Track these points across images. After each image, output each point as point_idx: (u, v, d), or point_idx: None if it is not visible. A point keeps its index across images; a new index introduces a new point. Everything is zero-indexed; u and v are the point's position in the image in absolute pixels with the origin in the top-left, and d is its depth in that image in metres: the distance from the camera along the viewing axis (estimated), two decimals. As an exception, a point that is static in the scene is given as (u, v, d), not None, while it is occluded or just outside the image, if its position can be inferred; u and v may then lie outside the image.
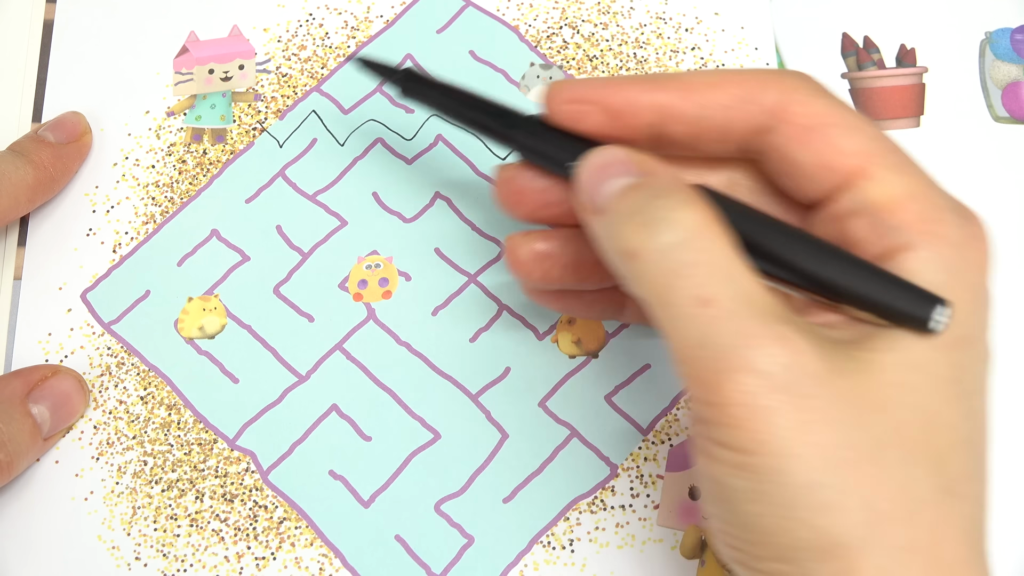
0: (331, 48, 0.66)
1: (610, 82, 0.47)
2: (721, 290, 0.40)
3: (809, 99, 0.45)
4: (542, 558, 0.56)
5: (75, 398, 0.60)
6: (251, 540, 0.57)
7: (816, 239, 0.44)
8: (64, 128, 0.64)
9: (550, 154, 0.48)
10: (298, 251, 0.62)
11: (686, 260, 0.41)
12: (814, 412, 0.39)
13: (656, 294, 0.42)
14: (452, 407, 0.59)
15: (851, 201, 0.43)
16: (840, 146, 0.44)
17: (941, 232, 0.42)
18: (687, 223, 0.41)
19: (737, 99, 0.46)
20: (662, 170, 0.45)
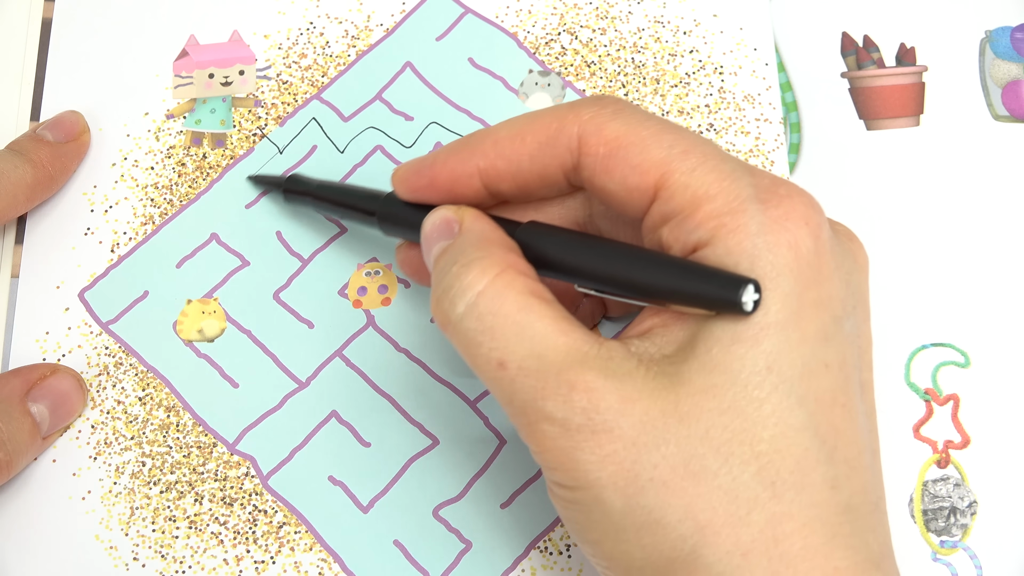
0: (331, 57, 0.66)
1: (437, 157, 0.51)
2: (512, 351, 0.43)
3: (604, 125, 0.46)
4: (539, 563, 0.57)
5: (74, 397, 0.60)
6: (250, 544, 0.58)
7: (622, 247, 0.45)
8: (62, 127, 0.64)
9: (408, 224, 0.53)
10: (298, 257, 0.62)
11: (477, 328, 0.44)
12: (615, 442, 0.41)
13: (466, 359, 0.45)
14: (450, 413, 0.59)
15: (658, 212, 0.45)
16: (636, 165, 0.45)
17: (735, 223, 0.42)
18: (475, 289, 0.44)
19: (539, 146, 0.48)
20: (470, 223, 0.48)
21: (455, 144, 0.50)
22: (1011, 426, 0.60)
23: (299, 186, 0.61)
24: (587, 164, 0.46)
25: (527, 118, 0.49)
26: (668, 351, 0.43)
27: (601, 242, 0.46)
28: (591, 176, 0.46)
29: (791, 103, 0.66)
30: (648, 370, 0.42)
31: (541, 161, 0.48)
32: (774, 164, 0.63)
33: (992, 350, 0.61)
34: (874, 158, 0.64)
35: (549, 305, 0.44)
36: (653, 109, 0.64)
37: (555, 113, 0.47)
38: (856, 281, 0.45)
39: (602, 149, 0.46)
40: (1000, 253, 0.62)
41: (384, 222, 0.54)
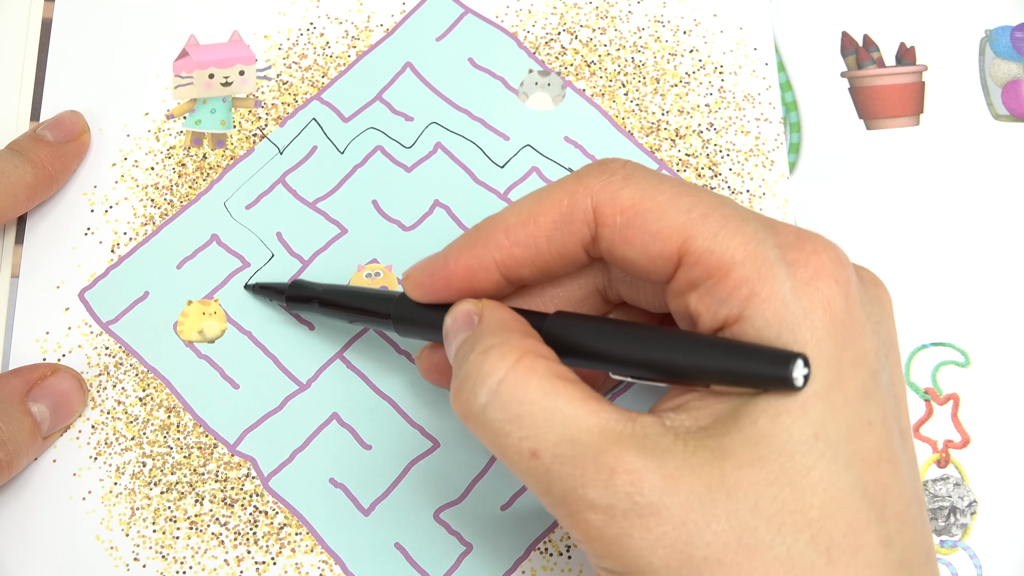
0: (332, 57, 0.66)
1: (449, 257, 0.49)
2: (543, 439, 0.42)
3: (617, 193, 0.45)
4: (540, 564, 0.57)
5: (74, 397, 0.60)
6: (251, 545, 0.58)
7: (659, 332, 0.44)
8: (62, 127, 0.64)
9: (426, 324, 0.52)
10: (298, 258, 0.63)
11: (503, 417, 0.43)
12: (664, 524, 0.40)
13: (494, 451, 0.44)
14: (451, 416, 0.59)
15: (684, 278, 0.44)
16: (656, 232, 0.44)
17: (768, 292, 0.41)
18: (496, 376, 0.43)
19: (553, 226, 0.47)
20: (490, 316, 0.47)
21: (464, 239, 0.49)
22: (1011, 426, 0.60)
23: (303, 292, 0.59)
24: (605, 235, 0.45)
25: (534, 198, 0.47)
26: (705, 423, 0.42)
27: (636, 328, 0.45)
28: (610, 247, 0.45)
29: (791, 103, 0.66)
30: (687, 444, 0.41)
31: (559, 240, 0.47)
32: (774, 164, 0.63)
33: (992, 350, 0.61)
34: (874, 158, 0.64)
35: (575, 385, 0.43)
36: (653, 109, 0.64)
37: (564, 188, 0.46)
38: (885, 328, 0.45)
39: (619, 219, 0.45)
40: (1000, 253, 0.62)
41: (400, 325, 0.53)
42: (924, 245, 0.63)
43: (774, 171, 0.63)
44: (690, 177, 0.63)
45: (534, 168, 0.63)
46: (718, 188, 0.63)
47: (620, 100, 0.65)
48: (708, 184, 0.63)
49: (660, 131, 0.64)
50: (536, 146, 0.64)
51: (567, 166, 0.63)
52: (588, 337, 0.45)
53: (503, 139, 0.64)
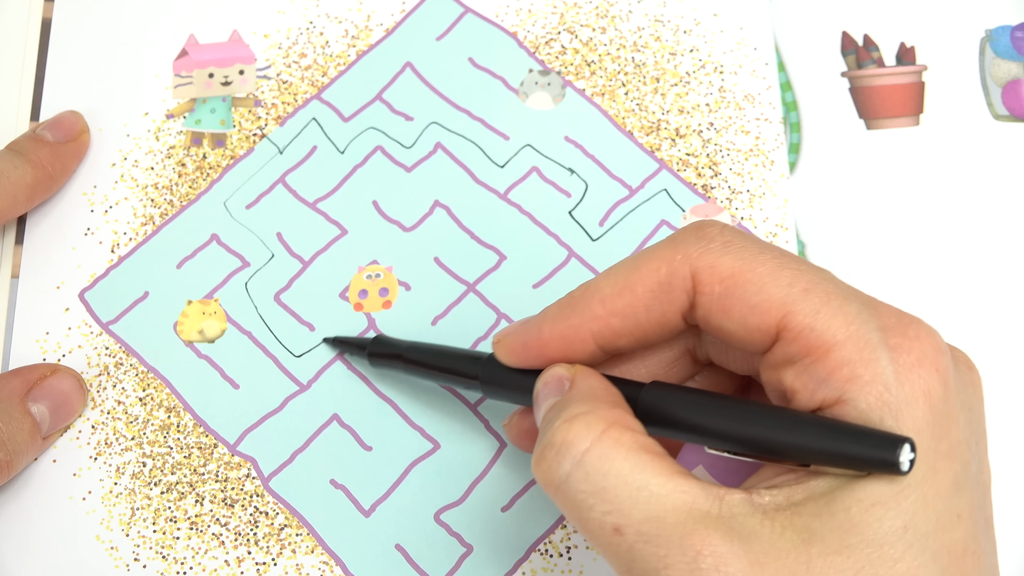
0: (331, 56, 0.66)
1: (544, 327, 0.48)
2: (627, 515, 0.41)
3: (716, 261, 0.44)
4: (540, 566, 0.57)
5: (74, 397, 0.60)
6: (252, 545, 0.58)
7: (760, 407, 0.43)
8: (62, 127, 0.64)
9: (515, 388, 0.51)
10: (299, 259, 0.63)
11: (586, 490, 0.42)
12: None
13: (575, 523, 0.43)
14: (451, 417, 0.59)
15: (781, 353, 0.43)
16: (755, 305, 0.43)
17: (869, 376, 0.41)
18: (581, 446, 0.42)
19: (652, 295, 0.46)
20: (581, 383, 0.46)
21: (559, 308, 0.48)
22: (1011, 426, 0.60)
23: (385, 348, 0.59)
24: (702, 303, 0.44)
25: (630, 266, 0.46)
26: (797, 499, 0.41)
27: (736, 403, 0.44)
28: (707, 315, 0.44)
29: (791, 103, 0.66)
30: (774, 525, 0.40)
31: (658, 310, 0.46)
32: (774, 163, 0.63)
33: (992, 350, 0.61)
34: (874, 157, 0.64)
35: (662, 460, 0.42)
36: (653, 108, 0.64)
37: (661, 255, 0.45)
38: (977, 416, 0.44)
39: (717, 288, 0.44)
40: (1000, 253, 0.62)
41: (489, 387, 0.52)
42: (924, 245, 0.63)
43: (774, 171, 0.63)
44: (690, 177, 0.63)
45: (534, 168, 0.63)
46: (718, 188, 0.63)
47: (620, 100, 0.65)
48: (708, 184, 0.63)
49: (660, 131, 0.64)
50: (536, 146, 0.64)
51: (567, 166, 0.63)
52: (687, 410, 0.44)
53: (503, 139, 0.64)
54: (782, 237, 0.62)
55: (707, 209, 0.62)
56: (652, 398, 0.45)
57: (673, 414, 0.44)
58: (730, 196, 0.62)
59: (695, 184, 0.63)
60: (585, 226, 0.62)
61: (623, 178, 0.63)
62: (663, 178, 0.63)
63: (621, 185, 0.63)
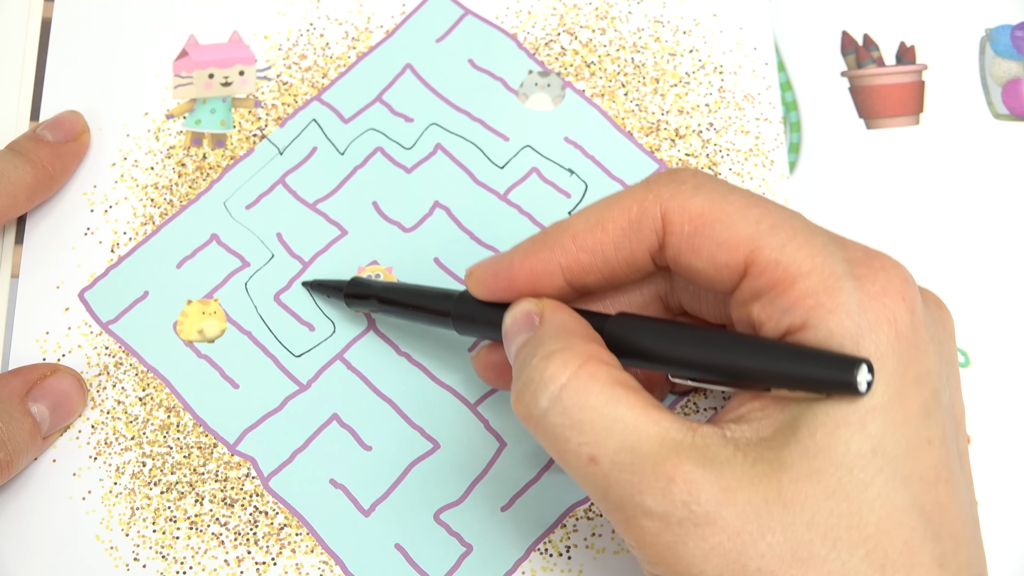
0: (332, 58, 0.67)
1: (515, 258, 0.50)
2: (603, 445, 0.42)
3: (686, 201, 0.45)
4: (540, 565, 0.57)
5: (74, 397, 0.60)
6: (251, 545, 0.58)
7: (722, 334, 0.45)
8: (62, 127, 0.64)
9: (485, 322, 0.52)
10: (299, 259, 0.63)
11: (564, 423, 0.43)
12: (718, 534, 0.40)
13: (554, 455, 0.44)
14: (451, 417, 0.60)
15: (749, 288, 0.44)
16: (723, 242, 0.44)
17: (832, 303, 0.42)
18: (558, 382, 0.43)
19: (622, 233, 0.47)
20: (551, 314, 0.47)
21: (531, 242, 0.49)
22: (1011, 426, 0.60)
23: (361, 289, 0.60)
24: (672, 243, 0.45)
25: (602, 205, 0.48)
26: (766, 434, 0.42)
27: (699, 330, 0.45)
28: (676, 255, 0.46)
29: (791, 102, 0.66)
30: (746, 456, 0.41)
31: (627, 248, 0.47)
32: (774, 163, 0.63)
33: (992, 350, 0.61)
34: (874, 157, 0.64)
35: (636, 394, 0.43)
36: (653, 109, 0.64)
37: (633, 196, 0.47)
38: (947, 351, 0.45)
39: (687, 227, 0.45)
40: (1000, 253, 0.62)
41: (460, 323, 0.54)
42: (924, 244, 0.63)
43: (774, 171, 0.63)
44: (690, 177, 0.63)
45: (534, 169, 0.63)
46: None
47: (620, 100, 0.65)
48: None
49: (660, 131, 0.64)
50: (536, 147, 0.64)
51: (567, 167, 0.63)
52: (651, 338, 0.46)
53: (503, 140, 0.64)
54: (782, 237, 0.62)
55: (707, 209, 0.62)
56: (618, 328, 0.46)
57: (639, 343, 0.46)
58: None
59: (695, 185, 0.63)
60: (585, 227, 0.62)
61: (623, 179, 0.63)
62: (663, 178, 0.63)
63: (621, 186, 0.63)
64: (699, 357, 0.44)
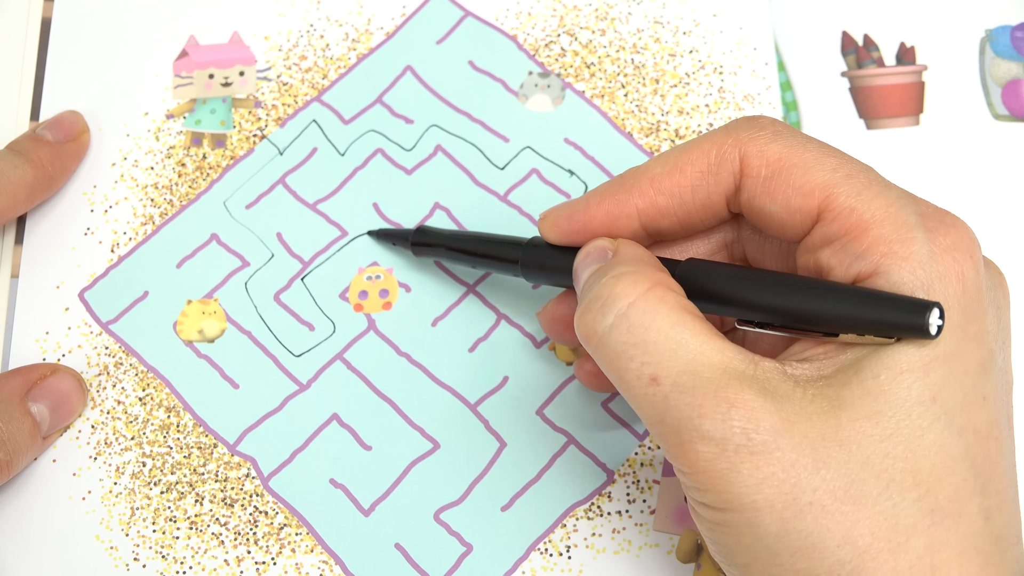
0: (332, 59, 0.67)
1: (591, 201, 0.50)
2: (665, 367, 0.42)
3: (765, 147, 0.46)
4: (539, 565, 0.57)
5: (74, 397, 0.60)
6: (251, 545, 0.58)
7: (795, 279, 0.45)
8: (62, 127, 0.64)
9: (555, 268, 0.53)
10: (299, 259, 0.63)
11: (628, 341, 0.43)
12: (773, 464, 0.40)
13: (612, 375, 0.44)
14: (451, 417, 0.60)
15: (821, 234, 0.44)
16: (800, 187, 0.44)
17: (905, 252, 0.42)
18: (626, 299, 0.44)
19: (700, 175, 0.47)
20: (625, 250, 0.47)
21: (608, 186, 0.50)
22: (1010, 427, 0.60)
23: (428, 238, 0.60)
24: (748, 186, 0.46)
25: (681, 149, 0.48)
26: (826, 373, 0.42)
27: (771, 275, 0.45)
28: (751, 198, 0.46)
29: (791, 103, 0.66)
30: (805, 392, 0.42)
31: (704, 191, 0.47)
32: (773, 164, 0.63)
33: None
34: (874, 157, 0.64)
35: (702, 322, 0.43)
36: (653, 109, 0.64)
37: (712, 139, 0.47)
38: (1004, 316, 0.45)
39: (764, 171, 0.45)
40: (1000, 253, 0.62)
41: (528, 269, 0.54)
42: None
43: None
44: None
45: (534, 170, 0.64)
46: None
47: (620, 101, 0.65)
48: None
49: (660, 132, 0.64)
50: (536, 148, 0.64)
51: (567, 167, 0.64)
52: (724, 282, 0.46)
53: (503, 141, 0.64)
54: (781, 238, 0.62)
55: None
56: (689, 272, 0.47)
57: (710, 285, 0.46)
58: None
59: (694, 185, 0.63)
60: (585, 227, 0.62)
61: (623, 179, 0.63)
62: (663, 179, 0.63)
63: (621, 186, 0.63)
64: (771, 300, 0.44)
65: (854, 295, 0.42)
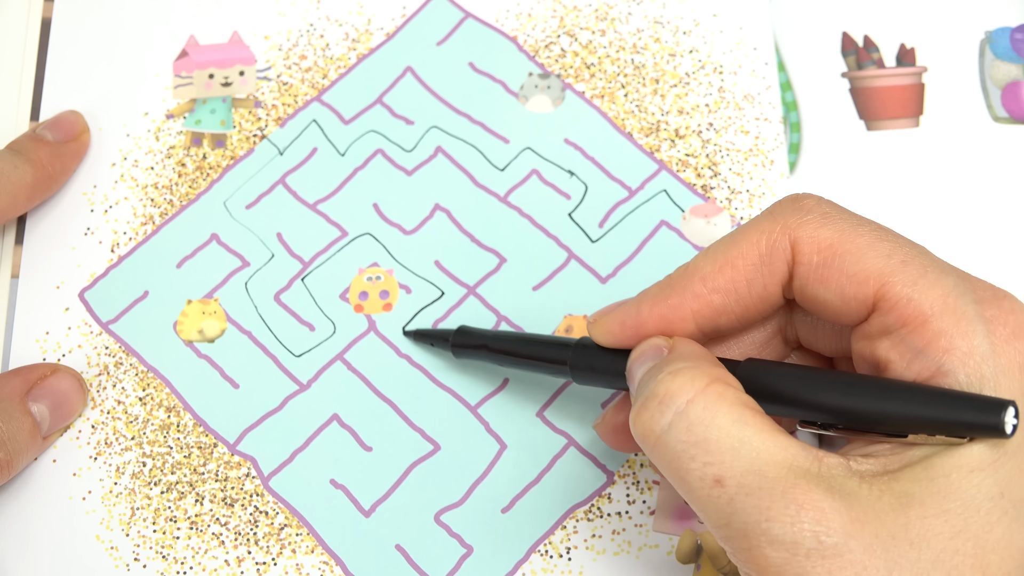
0: (332, 59, 0.67)
1: (642, 307, 0.48)
2: (729, 467, 0.41)
3: (815, 232, 0.45)
4: (540, 566, 0.57)
5: (74, 397, 0.60)
6: (252, 545, 0.58)
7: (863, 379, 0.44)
8: (62, 127, 0.64)
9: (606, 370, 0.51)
10: (299, 259, 0.63)
11: (688, 440, 0.42)
12: (846, 568, 0.39)
13: (672, 477, 0.43)
14: (452, 419, 0.60)
15: (879, 324, 0.43)
16: (853, 274, 0.44)
17: (967, 347, 0.42)
18: (684, 396, 0.42)
19: (753, 268, 0.46)
20: (681, 347, 0.46)
21: (659, 289, 0.48)
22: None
23: (470, 339, 0.59)
24: (800, 273, 0.45)
25: (727, 244, 0.47)
26: (892, 468, 0.41)
27: (836, 375, 0.44)
28: (803, 285, 0.45)
29: (791, 103, 0.66)
30: (871, 489, 0.41)
31: (760, 283, 0.46)
32: (774, 163, 0.63)
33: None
34: (874, 159, 0.64)
35: (763, 417, 0.42)
36: (653, 109, 0.64)
37: (759, 228, 0.46)
38: None
39: (816, 258, 0.44)
40: (1000, 254, 0.62)
41: (578, 371, 0.52)
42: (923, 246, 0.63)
43: (774, 171, 0.63)
44: (689, 177, 0.63)
45: (534, 171, 0.64)
46: (717, 188, 0.63)
47: (620, 101, 0.65)
48: (707, 184, 0.63)
49: (660, 132, 0.64)
50: (536, 149, 0.64)
51: (567, 168, 0.64)
52: (788, 382, 0.45)
53: (503, 142, 0.64)
54: (781, 238, 0.62)
55: (707, 209, 0.62)
56: (750, 372, 0.45)
57: (773, 386, 0.45)
58: (730, 196, 0.63)
59: (695, 184, 0.63)
60: (585, 228, 0.63)
61: (623, 179, 0.63)
62: (663, 179, 0.63)
63: (621, 187, 0.63)
64: (839, 402, 0.43)
65: (924, 395, 0.41)
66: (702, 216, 0.62)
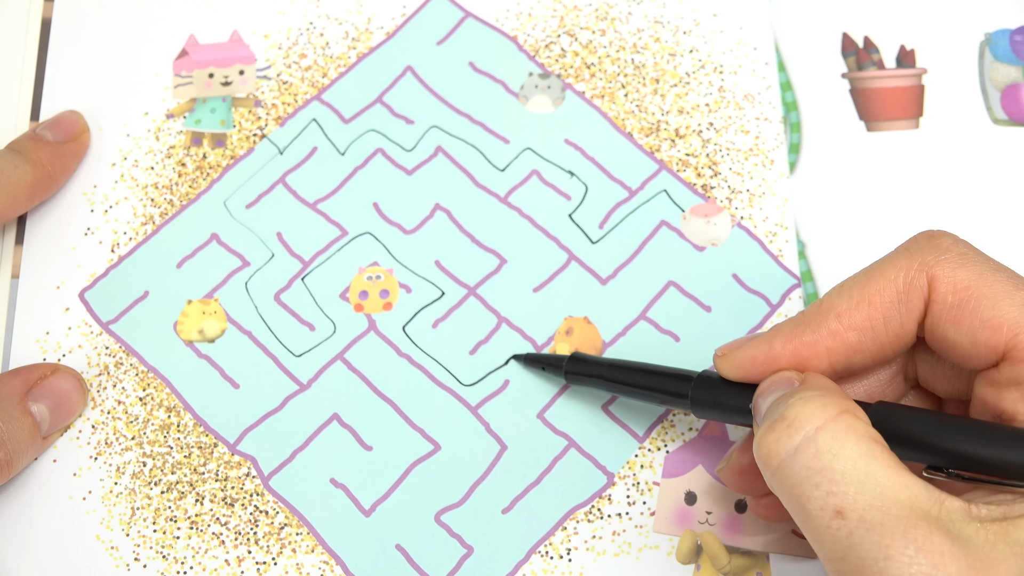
0: (332, 58, 0.67)
1: (775, 344, 0.48)
2: (853, 499, 0.41)
3: (953, 272, 0.44)
4: (540, 567, 0.57)
5: (74, 397, 0.60)
6: (252, 545, 0.58)
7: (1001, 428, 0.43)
8: (62, 127, 0.64)
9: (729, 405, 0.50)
10: (299, 259, 0.63)
11: (813, 467, 0.42)
12: None
13: (790, 502, 0.43)
14: (452, 419, 0.60)
15: (1008, 373, 0.43)
16: (988, 320, 0.43)
17: None
18: (814, 423, 0.42)
19: (890, 305, 0.46)
20: (813, 379, 0.46)
21: (792, 326, 0.48)
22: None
23: (584, 367, 0.58)
24: (933, 311, 0.45)
25: (863, 279, 0.47)
26: (1014, 514, 0.41)
27: (972, 423, 0.44)
28: (934, 324, 0.45)
29: (791, 103, 0.66)
30: (987, 535, 0.40)
31: (897, 320, 0.46)
32: (774, 163, 0.63)
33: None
34: (874, 159, 0.64)
35: (889, 454, 0.42)
36: (653, 109, 0.64)
37: (895, 265, 0.46)
38: None
39: (951, 298, 0.44)
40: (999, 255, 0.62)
41: (700, 406, 0.52)
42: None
43: (774, 170, 0.63)
44: (689, 177, 0.63)
45: (534, 171, 0.64)
46: (718, 188, 0.63)
47: (620, 101, 0.65)
48: (708, 184, 0.63)
49: (660, 131, 0.64)
50: (536, 149, 0.64)
51: (567, 168, 0.64)
52: (921, 427, 0.44)
53: (503, 142, 0.64)
54: (782, 236, 0.62)
55: (707, 209, 0.62)
56: (880, 414, 0.45)
57: (903, 429, 0.44)
58: (730, 196, 0.63)
59: (695, 184, 0.63)
60: (585, 229, 0.63)
61: (623, 180, 0.63)
62: (663, 179, 0.63)
63: (621, 187, 0.63)
64: (972, 450, 0.43)
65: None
66: (702, 216, 0.62)
